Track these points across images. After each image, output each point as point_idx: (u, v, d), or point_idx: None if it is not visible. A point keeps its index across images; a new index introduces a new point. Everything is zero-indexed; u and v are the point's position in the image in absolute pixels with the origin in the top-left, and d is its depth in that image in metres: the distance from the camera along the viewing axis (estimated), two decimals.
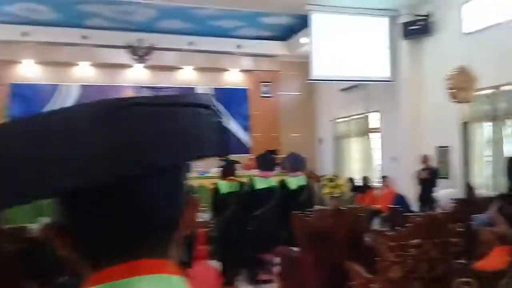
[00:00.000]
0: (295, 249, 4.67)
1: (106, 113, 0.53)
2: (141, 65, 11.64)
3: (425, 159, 8.17)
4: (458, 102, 3.70)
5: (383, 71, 9.48)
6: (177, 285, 0.57)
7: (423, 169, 8.13)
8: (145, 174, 0.54)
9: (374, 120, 10.60)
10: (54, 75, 11.38)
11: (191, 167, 0.65)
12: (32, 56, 11.15)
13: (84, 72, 11.64)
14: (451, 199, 5.55)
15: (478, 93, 7.20)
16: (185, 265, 5.71)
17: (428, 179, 7.91)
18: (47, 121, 0.54)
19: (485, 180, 7.60)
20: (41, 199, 0.52)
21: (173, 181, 0.59)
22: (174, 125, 0.56)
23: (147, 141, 0.53)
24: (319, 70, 9.26)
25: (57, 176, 0.50)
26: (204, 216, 7.93)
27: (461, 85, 3.90)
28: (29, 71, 11.31)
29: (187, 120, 0.57)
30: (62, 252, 0.59)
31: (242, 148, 12.24)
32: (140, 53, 11.37)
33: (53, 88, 11.28)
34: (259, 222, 6.00)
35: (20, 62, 11.23)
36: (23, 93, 10.95)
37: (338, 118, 11.86)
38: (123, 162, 0.51)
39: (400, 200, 8.14)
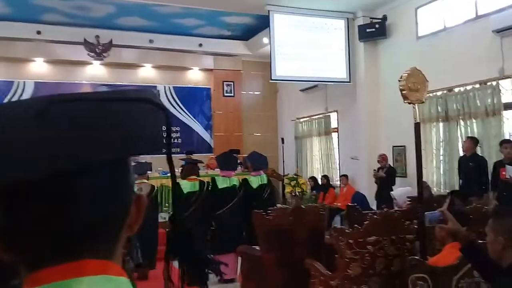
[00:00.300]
0: (257, 248, 4.71)
1: (44, 108, 0.50)
2: (99, 62, 11.37)
3: (382, 158, 8.40)
4: (411, 103, 3.83)
5: (340, 72, 9.66)
6: (120, 286, 0.55)
7: (381, 168, 8.35)
8: (79, 169, 0.51)
9: (335, 120, 10.80)
10: (8, 71, 10.93)
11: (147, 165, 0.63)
12: None
13: (40, 69, 11.25)
14: (407, 197, 5.74)
15: (431, 94, 7.49)
16: (141, 267, 5.63)
17: (385, 178, 8.14)
18: None
19: (439, 178, 7.90)
20: None
21: (113, 178, 0.56)
22: (111, 120, 0.54)
23: (82, 136, 0.51)
24: (280, 70, 9.34)
25: None
26: (166, 216, 7.85)
27: (412, 86, 4.02)
28: None
29: (125, 116, 0.55)
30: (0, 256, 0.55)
31: (205, 148, 12.19)
32: (98, 50, 11.09)
33: (8, 84, 10.84)
34: (221, 221, 6.02)
35: None
36: None
37: (300, 118, 12.01)
38: (56, 158, 0.49)
39: (358, 198, 8.35)
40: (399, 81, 4.25)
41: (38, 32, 10.42)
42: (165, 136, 0.57)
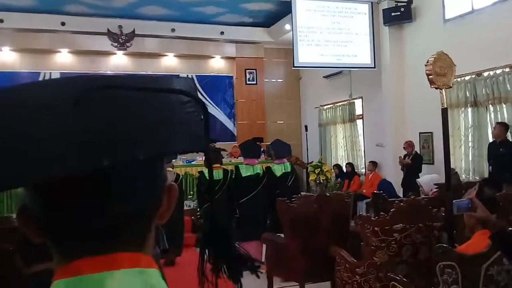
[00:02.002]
0: (281, 235, 4.70)
1: (82, 95, 0.49)
2: (122, 52, 11.47)
3: (408, 145, 8.26)
4: (438, 88, 3.73)
5: (365, 57, 9.50)
6: (152, 279, 0.54)
7: (407, 155, 8.21)
8: (119, 165, 0.50)
9: (359, 106, 10.66)
10: (34, 63, 11.14)
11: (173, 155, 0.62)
12: (9, 43, 10.89)
13: (65, 59, 11.43)
14: (434, 184, 5.63)
15: (459, 79, 7.29)
16: (167, 252, 5.70)
17: (412, 165, 8.01)
18: (20, 96, 0.51)
19: (467, 165, 7.72)
20: (7, 190, 0.49)
21: (149, 170, 0.56)
22: (153, 113, 0.52)
23: (123, 129, 0.50)
24: (303, 57, 9.24)
25: (26, 165, 0.46)
26: (190, 204, 7.92)
27: (439, 71, 3.91)
28: (7, 59, 11.05)
29: (166, 109, 0.54)
30: (31, 238, 0.56)
31: (227, 136, 12.21)
32: (121, 40, 11.19)
33: (34, 76, 11.04)
34: (245, 209, 6.03)
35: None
36: (1, 81, 10.70)
37: (323, 105, 11.89)
38: (99, 151, 0.48)
39: (384, 185, 8.24)
40: (425, 65, 4.15)
41: (63, 23, 10.56)
42: (204, 130, 0.56)
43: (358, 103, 10.68)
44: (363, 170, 10.30)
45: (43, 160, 0.47)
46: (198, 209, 6.90)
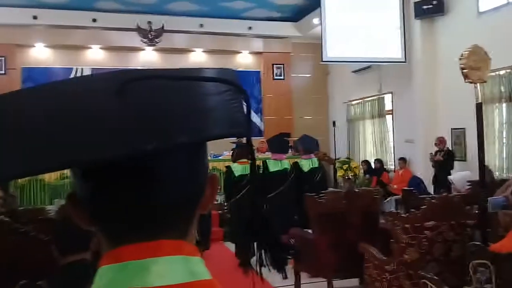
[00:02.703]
0: (309, 231, 4.68)
1: (124, 84, 0.50)
2: (152, 47, 11.61)
3: (440, 141, 8.09)
4: (472, 82, 3.63)
5: (395, 52, 9.34)
6: (195, 267, 0.55)
7: (438, 152, 8.04)
8: (164, 149, 0.51)
9: (389, 101, 10.48)
10: (66, 59, 11.40)
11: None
12: (43, 39, 11.17)
13: (96, 55, 11.64)
14: (467, 181, 5.50)
15: (493, 73, 7.07)
16: (198, 245, 5.76)
17: (443, 161, 7.84)
18: (65, 87, 0.53)
19: (501, 162, 7.50)
20: (56, 170, 0.50)
21: (193, 158, 0.56)
22: (194, 100, 0.53)
23: (166, 115, 0.51)
24: (331, 51, 9.15)
25: (75, 147, 0.48)
26: (217, 198, 7.98)
27: (474, 65, 3.81)
28: (41, 55, 11.34)
29: (207, 96, 0.54)
30: (80, 224, 0.58)
31: (255, 131, 12.21)
32: (150, 36, 11.33)
33: (66, 71, 11.29)
34: (272, 204, 6.03)
35: (33, 46, 11.25)
36: (35, 77, 10.98)
37: (352, 100, 11.75)
38: (143, 136, 0.48)
39: (415, 182, 8.10)
40: (459, 59, 4.05)
41: (94, 20, 10.76)
42: (245, 116, 0.56)
43: (387, 98, 10.50)
44: (392, 167, 10.14)
45: (90, 145, 0.48)
46: (225, 204, 6.93)
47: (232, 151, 6.88)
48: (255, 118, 12.49)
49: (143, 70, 0.54)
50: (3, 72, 10.77)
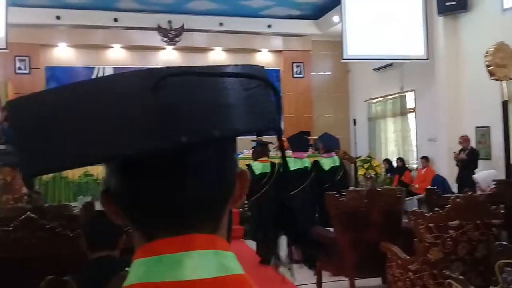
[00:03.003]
0: (330, 229, 4.65)
1: (157, 80, 0.51)
2: (172, 46, 11.69)
3: (464, 139, 7.95)
4: (498, 79, 3.55)
5: (417, 49, 9.20)
6: (228, 261, 0.55)
7: (462, 150, 7.91)
8: (198, 143, 0.52)
9: (411, 100, 10.35)
10: (88, 58, 11.57)
11: None
12: (66, 39, 11.36)
13: (118, 54, 11.79)
14: (493, 180, 5.39)
15: None
16: None
17: (468, 160, 7.70)
18: (98, 85, 0.54)
19: None
20: (94, 164, 0.51)
21: (224, 153, 0.57)
22: (226, 96, 0.54)
23: (199, 110, 0.52)
24: (352, 49, 9.07)
25: (107, 141, 0.49)
26: None
27: (500, 62, 3.74)
28: (63, 54, 11.53)
29: (238, 92, 0.55)
30: (114, 220, 0.59)
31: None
32: (171, 35, 11.42)
33: (89, 70, 11.47)
34: (293, 202, 6.01)
35: (56, 46, 11.45)
36: (58, 76, 11.18)
37: (373, 98, 11.63)
38: (177, 130, 0.49)
39: (439, 181, 7.98)
40: (485, 56, 3.99)
41: (115, 20, 10.89)
42: (276, 111, 0.56)
43: (410, 96, 10.37)
44: (414, 165, 10.01)
45: (127, 139, 0.49)
46: (246, 202, 6.95)
47: (252, 150, 6.88)
48: None
49: (174, 67, 0.54)
50: (27, 71, 11.00)
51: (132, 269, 0.55)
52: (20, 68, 10.97)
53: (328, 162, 6.30)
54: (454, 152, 8.05)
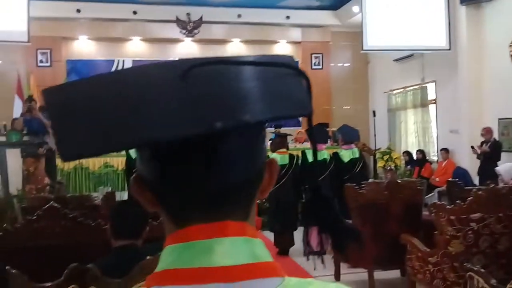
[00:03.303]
0: (349, 221, 4.63)
1: (188, 68, 0.52)
2: (190, 38, 11.72)
3: (486, 131, 7.80)
4: None
5: (439, 39, 9.04)
6: (258, 249, 0.56)
7: (484, 142, 7.77)
8: (231, 128, 0.52)
9: (432, 91, 10.18)
10: (108, 51, 11.68)
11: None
12: (86, 32, 11.48)
13: (137, 47, 11.88)
14: None
15: None
16: None
17: (490, 152, 7.57)
18: (130, 74, 0.56)
19: None
20: (132, 148, 0.53)
21: (254, 140, 0.58)
22: (256, 83, 0.54)
23: (231, 97, 0.52)
24: (372, 40, 8.96)
25: (144, 127, 0.49)
26: None
27: None
28: (84, 47, 11.66)
29: (269, 79, 0.55)
30: (145, 206, 0.59)
31: (292, 121, 12.14)
32: (189, 27, 11.45)
33: (108, 63, 11.58)
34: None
35: (77, 39, 11.59)
36: (79, 69, 11.32)
37: (393, 90, 11.48)
38: (211, 116, 0.50)
39: (460, 173, 7.87)
40: (509, 46, 3.89)
41: (134, 12, 10.96)
42: (307, 98, 0.56)
43: (431, 87, 10.20)
44: (435, 158, 9.87)
45: (162, 125, 0.50)
46: None
47: (270, 141, 6.87)
48: None
49: (205, 57, 0.55)
50: (48, 64, 11.16)
51: (163, 255, 0.56)
52: (41, 61, 11.14)
53: (347, 154, 6.25)
54: (472, 146, 7.90)
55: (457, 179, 5.35)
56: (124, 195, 7.09)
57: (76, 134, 0.50)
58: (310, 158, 6.13)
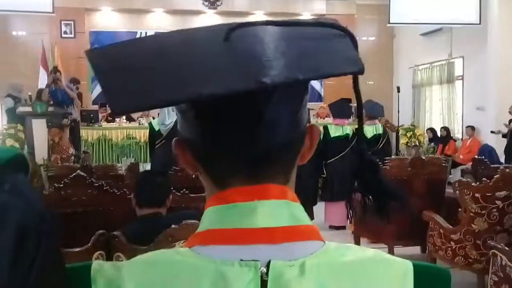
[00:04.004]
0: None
1: (232, 28, 0.52)
2: (213, 10, 11.60)
3: None
4: None
5: (469, 13, 8.74)
6: (298, 212, 0.56)
7: None
8: (279, 86, 0.50)
9: (460, 66, 9.92)
10: (130, 23, 11.68)
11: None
12: (109, 3, 11.47)
13: (159, 19, 11.84)
14: None
15: None
16: None
17: None
18: (173, 35, 0.57)
19: None
20: (182, 102, 0.54)
21: (298, 103, 0.57)
22: (303, 42, 0.54)
23: (279, 55, 0.51)
24: (399, 13, 8.73)
25: (193, 82, 0.49)
26: None
27: None
28: (107, 19, 11.68)
29: (315, 38, 0.55)
30: (187, 169, 0.60)
31: (314, 96, 12.05)
32: None
33: (131, 35, 11.56)
34: (333, 170, 5.97)
35: (100, 10, 11.60)
36: (102, 41, 11.34)
37: (419, 65, 11.23)
38: (258, 72, 0.49)
39: (487, 151, 7.72)
40: None
41: None
42: (357, 56, 0.55)
43: (458, 63, 9.94)
44: (459, 135, 9.70)
45: (211, 81, 0.49)
46: None
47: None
48: (315, 83, 12.29)
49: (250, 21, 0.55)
50: (72, 35, 11.22)
51: (205, 216, 0.56)
52: (65, 32, 11.20)
53: (370, 129, 6.18)
54: (492, 132, 7.73)
55: (483, 157, 5.25)
56: (147, 167, 7.19)
57: (126, 89, 0.50)
58: (332, 133, 6.09)
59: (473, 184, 3.57)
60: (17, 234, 0.46)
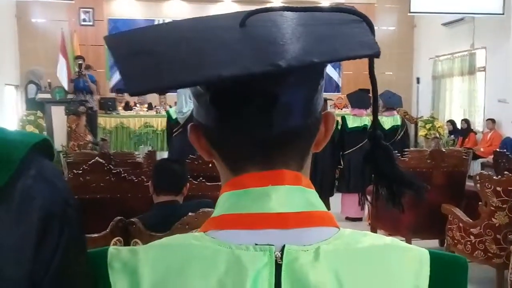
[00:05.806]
0: None
1: (247, 16, 0.53)
2: None
3: None
4: None
5: (493, 3, 8.52)
6: (313, 198, 0.56)
7: None
8: (294, 69, 0.50)
9: (482, 57, 9.71)
10: (149, 11, 11.69)
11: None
12: None
13: (177, 7, 11.83)
14: None
15: None
16: None
17: None
18: (189, 21, 0.58)
19: None
20: (199, 84, 0.54)
21: (313, 88, 0.56)
22: (319, 26, 0.54)
23: (296, 39, 0.52)
24: (420, 2, 8.55)
25: (209, 65, 0.50)
26: None
27: None
28: (125, 6, 11.70)
29: (331, 23, 0.55)
30: (202, 154, 0.60)
31: (332, 87, 11.94)
32: None
33: (149, 23, 11.58)
34: (350, 160, 5.93)
35: None
36: (120, 29, 11.35)
37: (439, 56, 11.02)
38: (273, 56, 0.49)
39: (509, 144, 7.58)
40: None
41: None
42: (373, 39, 0.55)
43: (480, 54, 9.72)
44: (480, 128, 9.52)
45: (228, 64, 0.49)
46: None
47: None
48: (333, 73, 12.17)
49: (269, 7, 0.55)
50: (91, 23, 11.29)
51: (220, 201, 0.57)
52: (84, 20, 11.27)
53: (389, 120, 6.11)
54: None
55: (504, 150, 5.15)
56: (164, 155, 7.23)
57: (141, 71, 0.50)
58: (350, 124, 6.03)
59: (494, 177, 3.51)
60: (41, 220, 0.45)
